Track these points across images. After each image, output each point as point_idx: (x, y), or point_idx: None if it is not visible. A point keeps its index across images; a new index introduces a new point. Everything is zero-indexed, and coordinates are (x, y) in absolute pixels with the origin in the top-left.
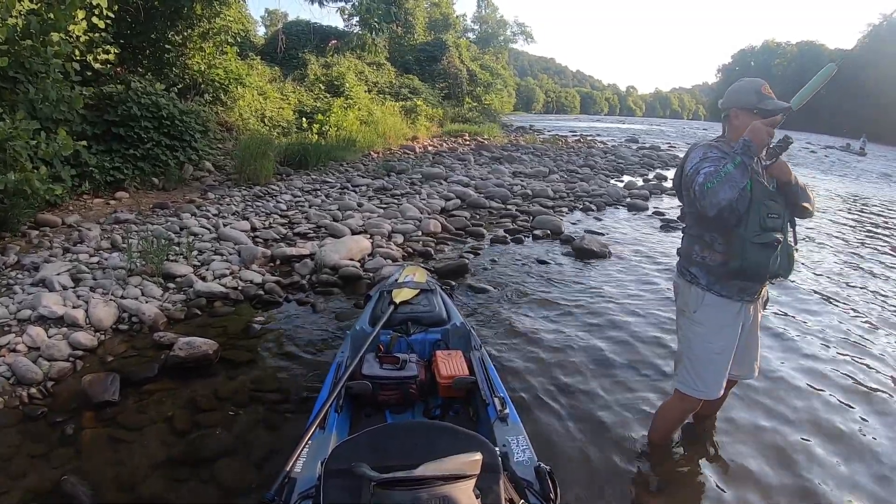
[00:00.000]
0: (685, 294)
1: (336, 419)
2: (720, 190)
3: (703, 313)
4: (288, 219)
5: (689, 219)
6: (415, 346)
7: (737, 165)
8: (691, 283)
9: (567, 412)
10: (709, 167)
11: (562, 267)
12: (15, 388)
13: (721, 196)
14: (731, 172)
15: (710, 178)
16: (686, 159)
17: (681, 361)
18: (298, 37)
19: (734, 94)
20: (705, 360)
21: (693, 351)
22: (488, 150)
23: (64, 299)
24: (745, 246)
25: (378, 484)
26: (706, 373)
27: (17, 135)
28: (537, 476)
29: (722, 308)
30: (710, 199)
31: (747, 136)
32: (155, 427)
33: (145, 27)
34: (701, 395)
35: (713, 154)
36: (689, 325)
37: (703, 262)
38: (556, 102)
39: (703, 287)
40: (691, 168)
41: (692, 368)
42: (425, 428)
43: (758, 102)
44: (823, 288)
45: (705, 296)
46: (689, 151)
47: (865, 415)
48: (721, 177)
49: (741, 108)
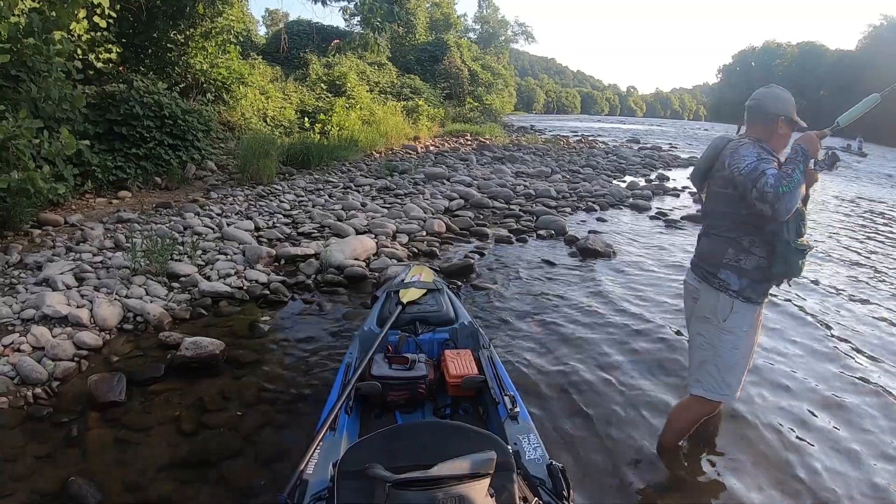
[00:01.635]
0: (711, 302)
1: (346, 420)
2: (794, 194)
3: (732, 321)
4: (292, 218)
5: (724, 220)
6: (423, 345)
7: (802, 172)
8: (720, 291)
9: (576, 410)
10: (772, 168)
11: (567, 267)
12: (20, 388)
13: (796, 200)
14: (799, 181)
15: (784, 182)
16: (729, 156)
17: (704, 368)
18: (300, 36)
19: (782, 102)
20: (732, 364)
21: (722, 358)
22: (490, 150)
23: (68, 299)
24: (790, 251)
25: (393, 484)
26: (732, 377)
27: (20, 133)
28: (550, 474)
29: (747, 313)
30: (785, 204)
31: (804, 146)
32: (161, 427)
33: (148, 26)
34: (726, 398)
35: (767, 155)
36: (718, 334)
37: (738, 266)
38: (557, 103)
39: (734, 294)
40: (748, 167)
41: (719, 374)
42: (437, 428)
43: (793, 114)
44: (832, 288)
45: (734, 303)
46: (722, 147)
47: (871, 414)
48: (795, 182)
49: (786, 119)
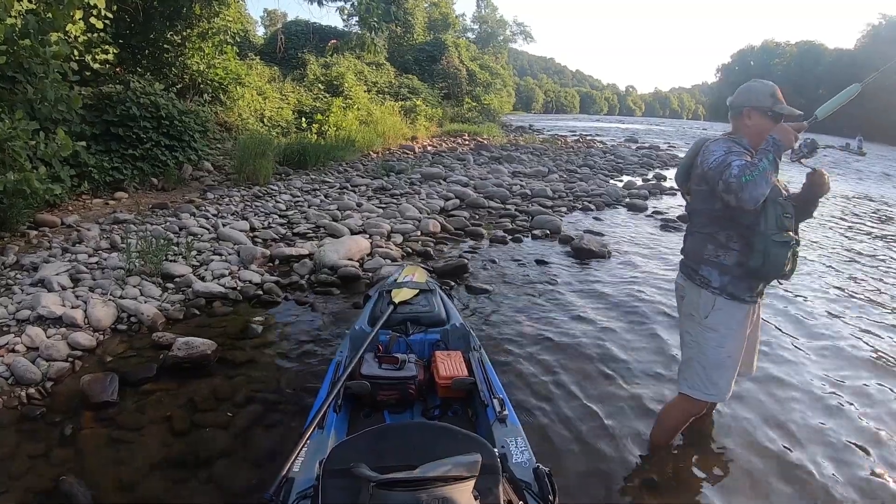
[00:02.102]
0: (694, 299)
1: (335, 419)
2: (760, 183)
3: (714, 318)
4: (287, 219)
5: (702, 217)
6: (414, 346)
7: (770, 162)
8: (701, 287)
9: (566, 413)
10: (738, 160)
11: (561, 267)
12: (14, 388)
13: (761, 189)
14: (767, 168)
15: (747, 171)
16: (702, 153)
17: (690, 366)
18: (298, 37)
19: (747, 93)
20: (717, 364)
21: (706, 356)
22: (487, 150)
23: (63, 299)
24: (767, 244)
25: (377, 484)
26: (719, 377)
27: (17, 135)
28: (536, 477)
29: (733, 311)
30: (750, 192)
31: (776, 136)
32: (154, 427)
33: (144, 27)
34: (712, 398)
35: (737, 148)
36: (701, 331)
37: (717, 262)
38: (556, 102)
39: (715, 290)
40: (715, 161)
41: (704, 373)
42: (424, 429)
43: (772, 105)
44: (827, 288)
45: (716, 300)
46: (701, 146)
47: (866, 414)
48: (760, 170)
49: (755, 108)
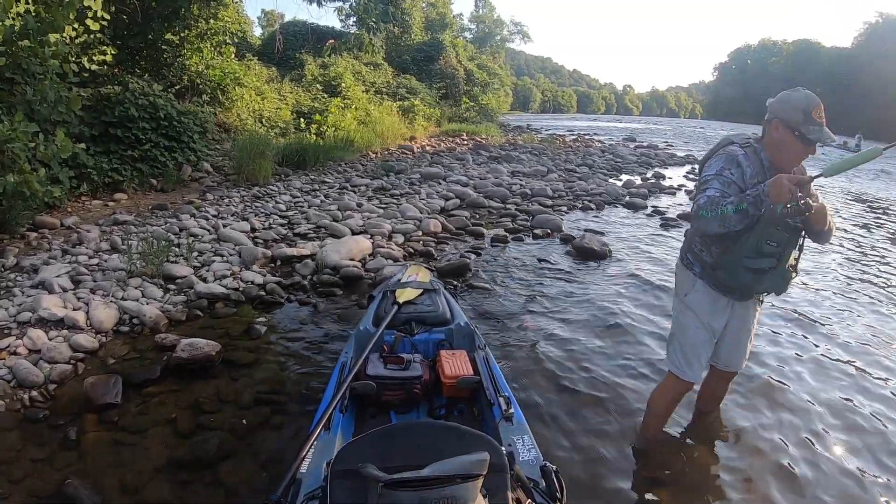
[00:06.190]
0: (681, 277)
1: (341, 420)
2: (710, 224)
3: (693, 298)
4: (287, 219)
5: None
6: (419, 346)
7: (737, 211)
8: (687, 268)
9: (571, 411)
10: (714, 191)
11: (562, 266)
12: (16, 391)
13: (709, 229)
14: (728, 215)
15: (708, 207)
16: (709, 159)
17: (672, 342)
18: (296, 37)
19: (783, 104)
20: (692, 344)
21: (685, 335)
22: (486, 150)
23: (64, 301)
24: (736, 265)
25: (386, 485)
26: (692, 357)
27: (16, 137)
28: (543, 475)
29: (710, 297)
30: (702, 226)
31: (767, 189)
32: (157, 429)
33: (142, 28)
34: (686, 377)
35: (729, 175)
36: (682, 309)
37: (699, 256)
38: (553, 102)
39: (696, 274)
40: (704, 178)
41: (680, 350)
42: (431, 428)
43: (802, 124)
44: (831, 289)
45: (696, 282)
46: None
47: (868, 413)
48: (717, 214)
49: (783, 122)
